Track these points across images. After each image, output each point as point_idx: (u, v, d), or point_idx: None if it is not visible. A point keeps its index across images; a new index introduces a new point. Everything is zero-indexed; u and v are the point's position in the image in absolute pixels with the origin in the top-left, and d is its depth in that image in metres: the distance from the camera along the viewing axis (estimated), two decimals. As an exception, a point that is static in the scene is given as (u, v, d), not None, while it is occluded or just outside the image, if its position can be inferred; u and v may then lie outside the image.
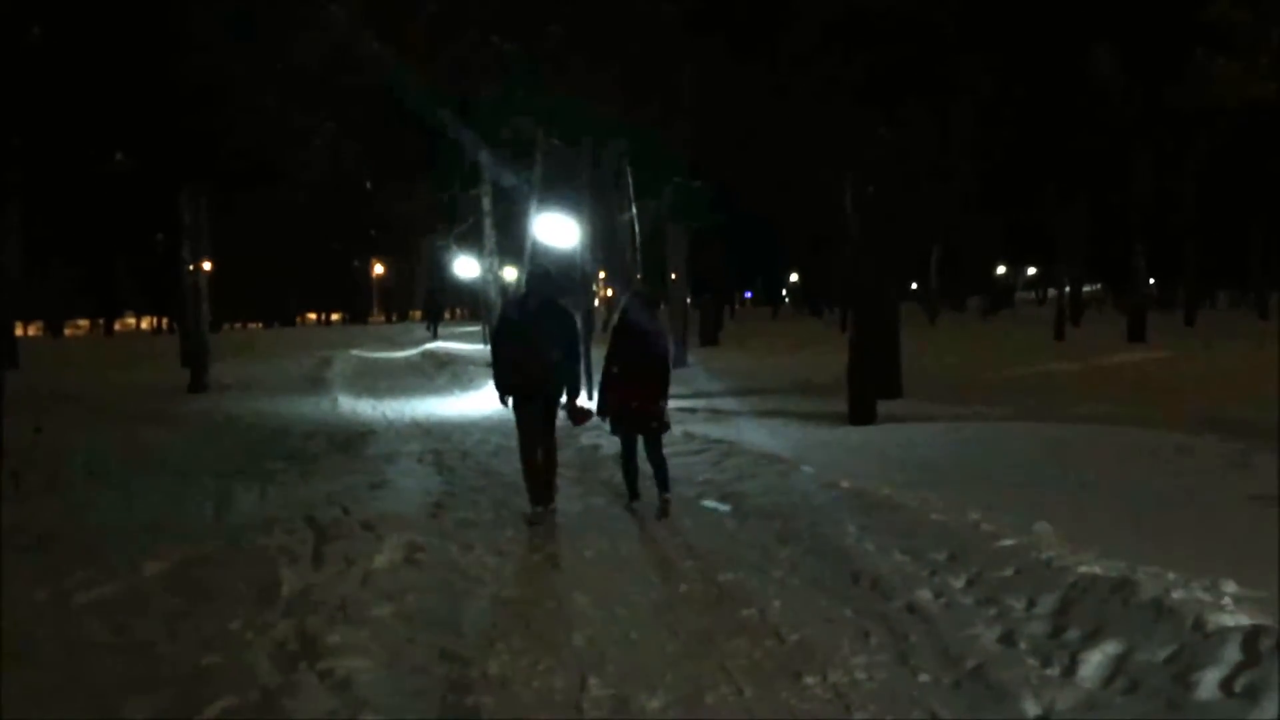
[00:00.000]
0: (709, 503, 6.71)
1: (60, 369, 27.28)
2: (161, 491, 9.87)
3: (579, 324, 9.78)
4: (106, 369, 27.57)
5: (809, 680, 4.72)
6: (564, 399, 8.58)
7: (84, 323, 69.92)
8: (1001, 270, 68.17)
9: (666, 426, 8.84)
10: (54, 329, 62.94)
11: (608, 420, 8.78)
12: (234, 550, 7.26)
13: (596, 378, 9.33)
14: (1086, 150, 28.41)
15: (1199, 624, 4.58)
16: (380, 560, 6.85)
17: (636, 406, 8.51)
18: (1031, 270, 77.70)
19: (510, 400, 8.64)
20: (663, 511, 8.39)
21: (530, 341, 8.37)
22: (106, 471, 11.30)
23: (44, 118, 11.24)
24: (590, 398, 9.02)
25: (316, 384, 22.90)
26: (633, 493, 8.76)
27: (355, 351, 34.21)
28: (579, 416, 8.82)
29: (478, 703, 4.53)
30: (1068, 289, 41.45)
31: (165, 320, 59.90)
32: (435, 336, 42.25)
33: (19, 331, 37.95)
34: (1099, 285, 71.44)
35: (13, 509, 9.14)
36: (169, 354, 28.69)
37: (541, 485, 8.53)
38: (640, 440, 8.66)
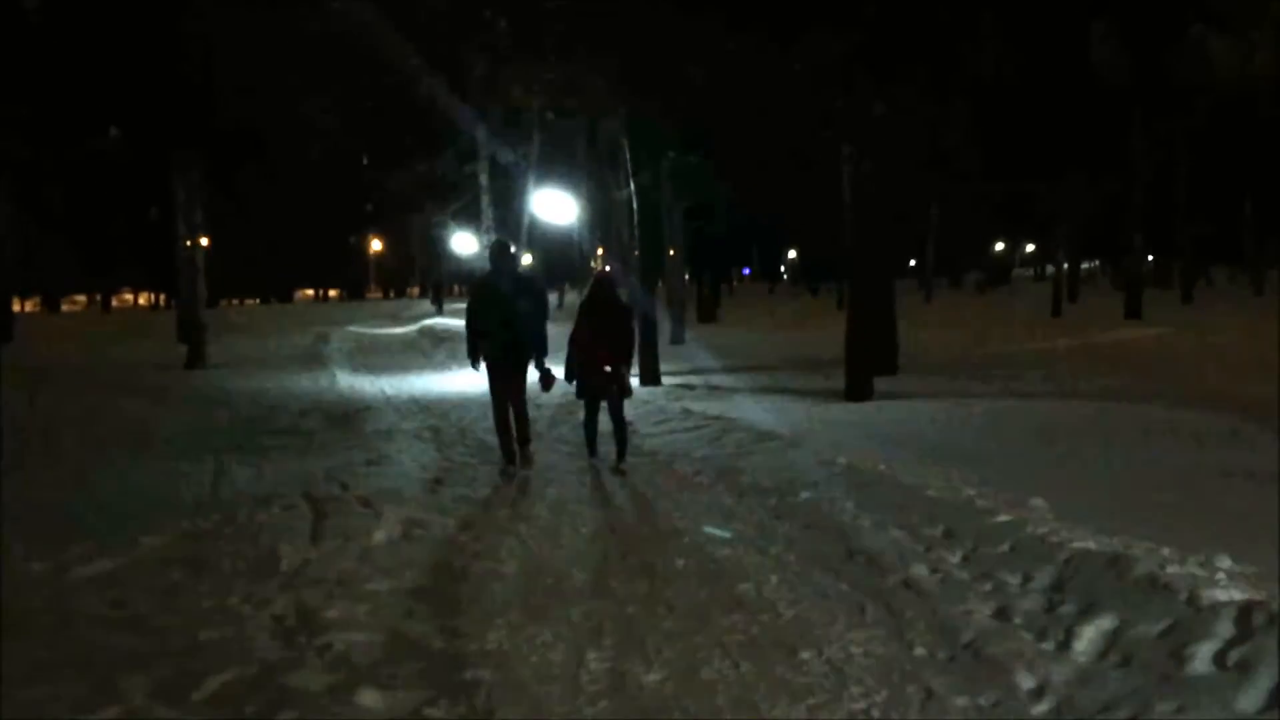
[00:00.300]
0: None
1: (57, 344, 27.27)
2: (159, 466, 9.88)
3: (546, 291, 10.82)
4: (104, 344, 27.56)
5: (805, 655, 4.74)
6: (534, 364, 9.36)
7: (81, 298, 69.84)
8: (1000, 247, 68.12)
9: (628, 392, 9.65)
10: (51, 304, 62.90)
11: (574, 384, 9.54)
12: (231, 525, 7.28)
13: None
14: (1082, 125, 28.33)
15: (1193, 599, 4.59)
16: (378, 536, 6.88)
17: (602, 373, 9.31)
18: (1030, 247, 77.62)
19: (483, 366, 9.47)
20: (616, 470, 9.23)
21: (504, 312, 9.18)
22: (103, 446, 11.31)
23: (38, 89, 11.18)
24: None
25: (314, 360, 22.91)
26: (591, 450, 9.67)
27: (353, 328, 34.23)
28: (547, 381, 9.49)
29: (476, 676, 4.55)
30: (1065, 266, 41.40)
31: (163, 296, 59.79)
32: (440, 311, 42.50)
33: (16, 307, 37.91)
34: (1096, 262, 71.38)
35: (10, 482, 9.16)
36: (166, 330, 28.65)
37: (513, 444, 9.43)
38: (605, 402, 9.47)
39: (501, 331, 9.21)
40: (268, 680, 4.49)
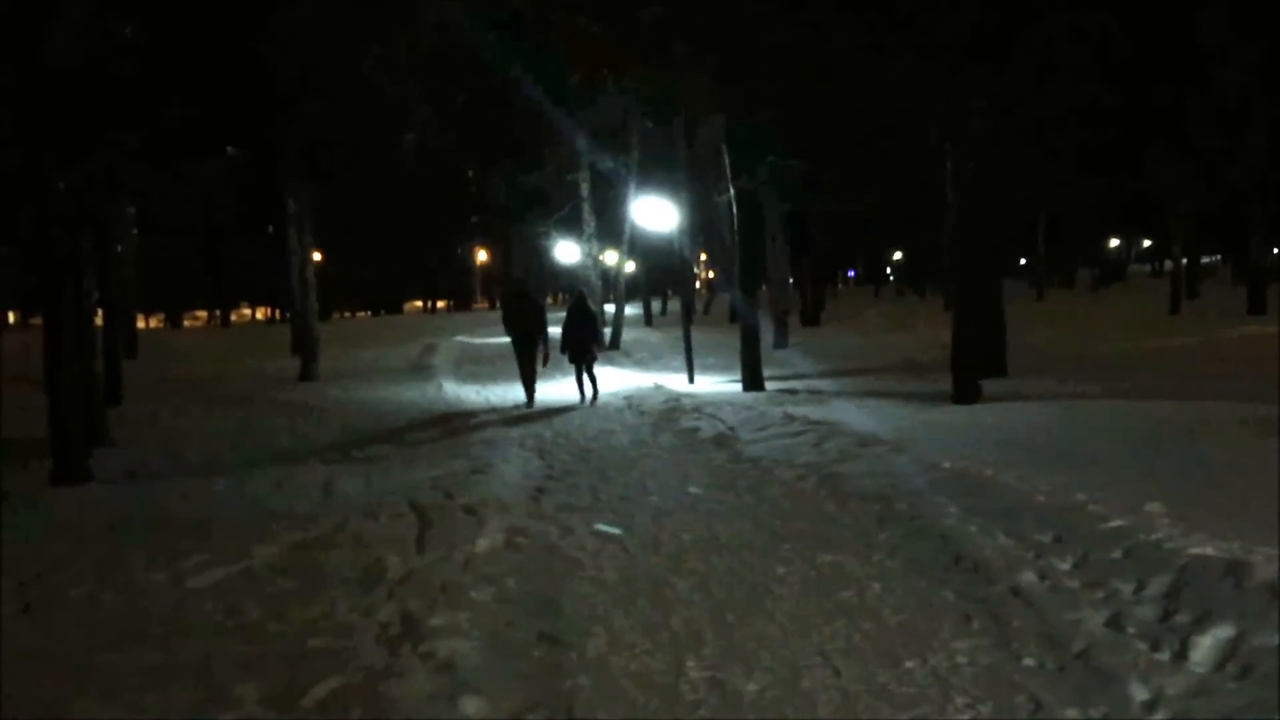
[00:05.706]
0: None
1: (178, 359, 28.23)
2: (272, 477, 10.16)
3: (544, 311, 17.49)
4: (221, 359, 28.45)
5: (909, 664, 4.66)
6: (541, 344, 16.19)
7: (202, 314, 72.19)
8: (1115, 243, 66.13)
9: (595, 358, 16.08)
10: (174, 320, 65.26)
11: (567, 354, 15.90)
12: (340, 534, 7.44)
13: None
14: (1197, 112, 27.25)
15: (1317, 608, 4.40)
16: (482, 544, 6.95)
17: (581, 348, 15.80)
18: (1147, 242, 75.09)
19: (513, 343, 16.42)
20: (590, 402, 15.50)
21: (521, 317, 16.29)
22: (219, 457, 11.68)
23: (150, 112, 11.59)
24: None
25: (422, 370, 23.32)
26: (581, 395, 15.85)
27: (459, 338, 34.70)
28: (545, 357, 16.23)
29: (576, 684, 4.58)
30: (1184, 261, 39.98)
31: (279, 311, 61.45)
32: None
33: (140, 323, 39.42)
34: (1218, 256, 68.81)
35: (132, 494, 9.51)
36: (281, 343, 29.44)
37: (531, 391, 16.01)
38: (584, 368, 16.00)
39: (517, 325, 16.32)
40: (373, 687, 4.57)
